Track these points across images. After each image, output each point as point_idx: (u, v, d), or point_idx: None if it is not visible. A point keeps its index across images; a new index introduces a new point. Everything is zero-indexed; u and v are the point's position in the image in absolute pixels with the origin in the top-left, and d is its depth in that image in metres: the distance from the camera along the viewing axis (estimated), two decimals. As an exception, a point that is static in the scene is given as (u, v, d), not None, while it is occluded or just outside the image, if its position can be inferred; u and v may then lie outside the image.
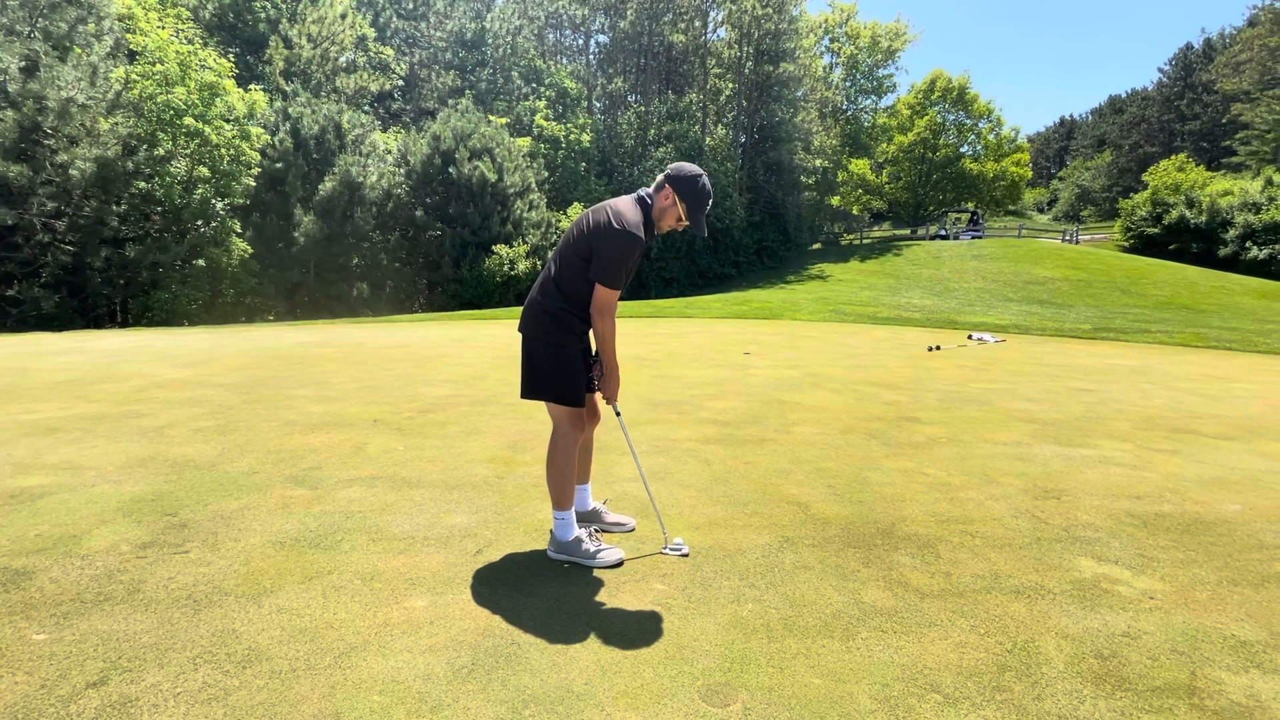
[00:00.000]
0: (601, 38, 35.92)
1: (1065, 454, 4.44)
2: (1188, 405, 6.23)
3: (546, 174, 26.77)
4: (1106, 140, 75.05)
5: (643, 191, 2.58)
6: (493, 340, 10.33)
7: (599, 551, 2.63)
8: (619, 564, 2.64)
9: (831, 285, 24.26)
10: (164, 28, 17.53)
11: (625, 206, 2.47)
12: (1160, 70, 68.59)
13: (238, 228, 18.21)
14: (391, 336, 11.14)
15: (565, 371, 2.57)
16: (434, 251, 23.33)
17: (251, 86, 18.96)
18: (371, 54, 29.93)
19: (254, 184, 18.78)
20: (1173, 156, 35.41)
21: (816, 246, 37.09)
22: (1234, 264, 28.86)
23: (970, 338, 11.55)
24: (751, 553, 2.79)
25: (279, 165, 20.94)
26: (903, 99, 39.15)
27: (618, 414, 2.78)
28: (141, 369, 7.11)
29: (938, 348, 9.94)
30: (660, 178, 2.52)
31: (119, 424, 4.69)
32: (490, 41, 31.95)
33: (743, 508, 3.32)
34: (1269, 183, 29.83)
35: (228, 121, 17.49)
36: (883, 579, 2.58)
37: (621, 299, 2.73)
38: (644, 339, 10.74)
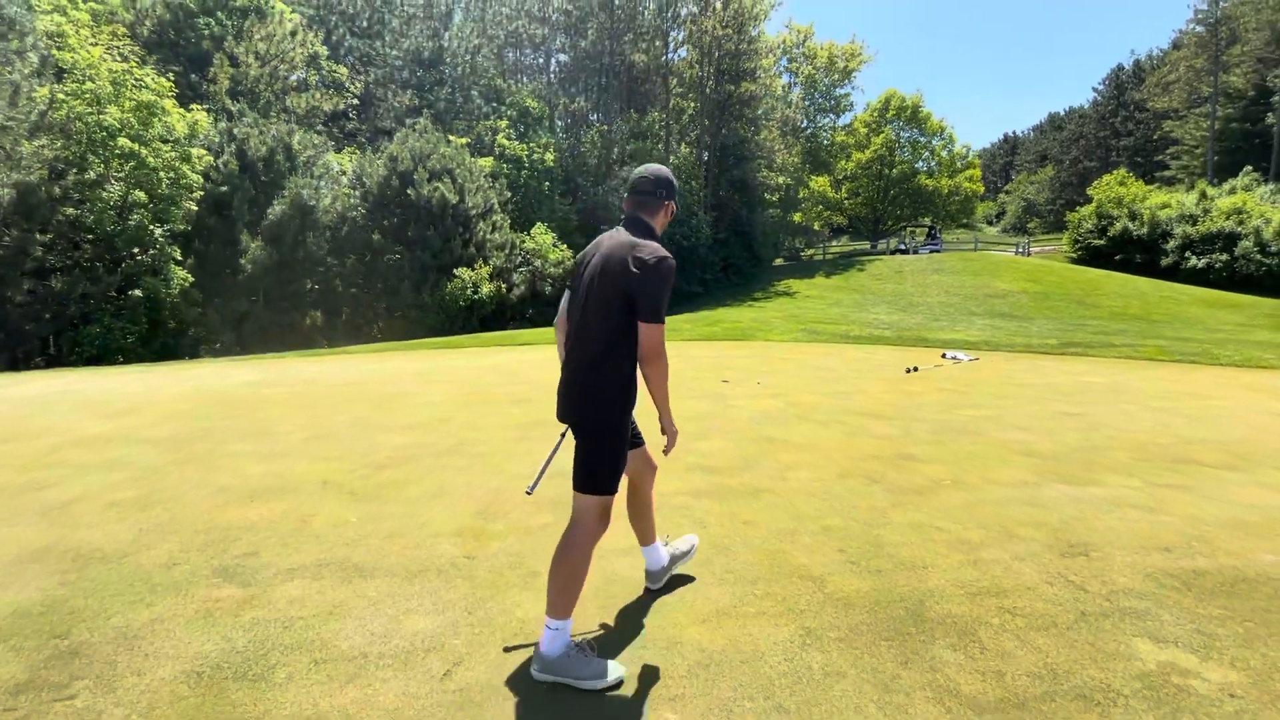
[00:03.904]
0: (562, 57, 35.84)
1: (1077, 496, 4.20)
2: (1175, 429, 6.13)
3: (509, 194, 26.31)
4: (1048, 155, 78.56)
5: (630, 218, 2.34)
6: (457, 374, 9.77)
7: (593, 669, 2.19)
8: (618, 684, 2.20)
9: (799, 302, 24.34)
10: (96, 44, 16.47)
11: (639, 237, 2.23)
12: (1095, 89, 72.39)
13: (178, 255, 17.09)
14: (346, 371, 10.45)
15: (620, 458, 2.30)
16: (392, 276, 22.53)
17: (193, 106, 17.93)
18: (324, 73, 29.03)
19: (196, 208, 17.71)
20: (1114, 171, 37.09)
21: (779, 262, 37.48)
22: (1175, 273, 30.18)
23: (944, 356, 11.51)
24: (772, 655, 2.38)
25: (224, 188, 19.90)
26: (859, 117, 40.22)
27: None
28: (58, 422, 6.34)
29: (915, 369, 9.82)
30: (644, 197, 2.33)
31: (17, 499, 4.03)
32: (449, 60, 31.40)
33: (751, 587, 2.92)
34: (1203, 196, 31.45)
35: (166, 143, 16.47)
36: (928, 686, 2.20)
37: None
38: (617, 367, 10.36)
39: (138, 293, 15.91)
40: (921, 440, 5.64)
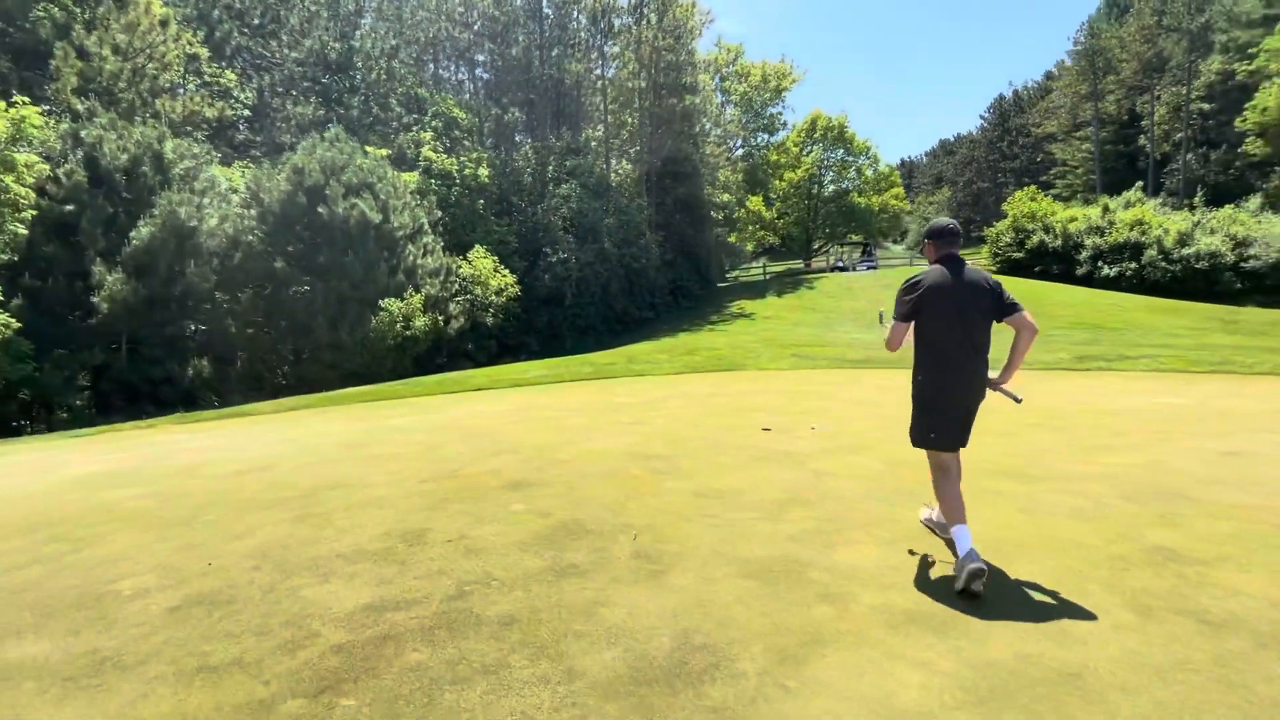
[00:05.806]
0: (482, 74, 33.36)
1: None
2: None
3: (440, 213, 23.44)
4: (943, 178, 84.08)
5: (951, 256, 3.31)
6: (408, 441, 7.16)
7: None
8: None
9: (761, 324, 23.03)
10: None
11: (965, 268, 3.31)
12: (982, 117, 78.28)
13: (-1, 295, 13.08)
14: (245, 446, 7.62)
15: None
16: (301, 312, 19.03)
17: (19, 99, 13.98)
18: (207, 76, 24.95)
19: (25, 232, 13.79)
20: (1025, 188, 39.14)
21: (725, 284, 36.58)
22: (1090, 281, 31.77)
23: (975, 379, 10.19)
24: None
25: (68, 206, 15.88)
26: (790, 137, 40.47)
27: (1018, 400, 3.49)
28: None
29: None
30: (955, 238, 3.36)
31: None
32: (360, 64, 27.97)
33: None
34: (1106, 209, 33.54)
35: (-21, 149, 12.59)
36: None
37: (539, 355, 1.43)
38: (616, 414, 8.07)
39: (-62, 346, 11.87)
40: (1136, 517, 3.98)
